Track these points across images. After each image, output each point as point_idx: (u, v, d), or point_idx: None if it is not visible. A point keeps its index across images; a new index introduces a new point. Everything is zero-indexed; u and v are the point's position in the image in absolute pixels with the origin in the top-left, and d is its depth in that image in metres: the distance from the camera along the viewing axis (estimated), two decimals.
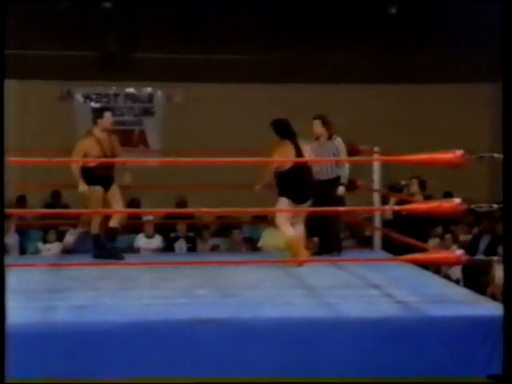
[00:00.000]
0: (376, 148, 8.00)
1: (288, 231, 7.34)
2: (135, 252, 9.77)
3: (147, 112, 13.90)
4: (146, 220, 10.50)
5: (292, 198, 7.35)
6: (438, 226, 10.34)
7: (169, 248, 10.36)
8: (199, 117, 13.30)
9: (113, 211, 7.69)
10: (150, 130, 13.89)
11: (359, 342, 4.98)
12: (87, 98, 13.66)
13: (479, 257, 10.05)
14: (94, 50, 13.24)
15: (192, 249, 10.48)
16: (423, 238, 8.06)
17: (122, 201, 7.76)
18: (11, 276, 3.87)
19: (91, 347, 4.82)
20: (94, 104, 13.54)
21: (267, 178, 7.42)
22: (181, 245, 10.54)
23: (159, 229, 10.48)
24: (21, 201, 11.86)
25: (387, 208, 8.03)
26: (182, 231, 10.71)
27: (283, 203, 7.33)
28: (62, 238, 10.10)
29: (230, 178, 9.03)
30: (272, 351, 4.92)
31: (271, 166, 7.34)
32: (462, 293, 6.07)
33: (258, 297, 5.71)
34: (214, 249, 10.47)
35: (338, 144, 7.86)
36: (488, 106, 13.13)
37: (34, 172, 9.82)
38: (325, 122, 7.91)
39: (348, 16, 13.14)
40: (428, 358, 4.99)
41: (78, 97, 13.66)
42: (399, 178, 9.33)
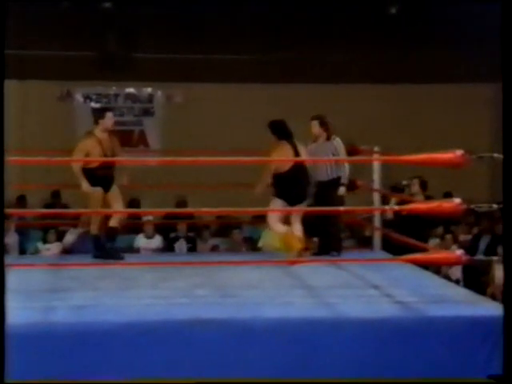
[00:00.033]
0: (376, 148, 8.00)
1: (279, 228, 7.43)
2: (135, 252, 9.77)
3: (147, 112, 13.89)
4: (145, 220, 10.50)
5: (286, 199, 7.39)
6: (439, 226, 10.34)
7: (169, 248, 10.35)
8: (199, 117, 13.30)
9: (113, 211, 7.69)
10: (150, 130, 13.88)
11: (359, 342, 4.98)
12: (87, 98, 13.66)
13: (479, 257, 10.06)
14: (94, 50, 13.23)
15: (192, 249, 10.48)
16: (424, 238, 8.06)
17: (122, 201, 7.76)
18: (11, 276, 3.88)
19: (91, 347, 4.81)
20: (93, 104, 13.54)
21: (267, 180, 7.44)
22: (181, 245, 10.54)
23: (159, 229, 10.48)
24: (21, 201, 11.86)
25: (387, 208, 8.02)
26: (183, 231, 10.71)
27: (277, 204, 7.39)
28: (61, 238, 10.09)
29: (230, 178, 9.03)
30: (272, 351, 4.92)
31: (270, 167, 7.37)
32: (462, 293, 6.06)
33: (258, 297, 5.71)
34: (214, 249, 10.47)
35: (336, 144, 7.84)
36: (488, 106, 13.13)
37: (34, 172, 9.83)
38: (323, 122, 7.88)
39: (348, 16, 13.14)
40: (428, 358, 4.99)
41: (78, 97, 13.66)
42: (399, 178, 9.32)
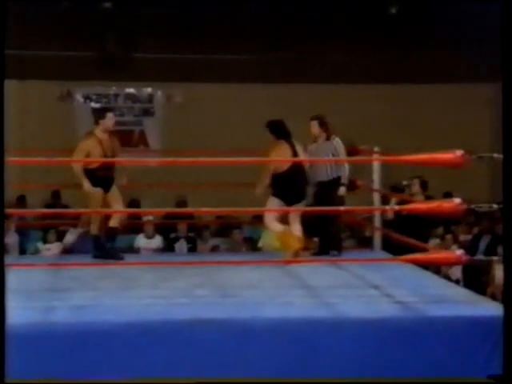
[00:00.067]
0: (376, 148, 8.00)
1: (275, 227, 7.47)
2: (135, 252, 9.77)
3: (147, 112, 13.89)
4: (145, 220, 10.50)
5: (284, 199, 7.40)
6: (439, 226, 10.34)
7: (169, 248, 10.35)
8: (199, 117, 13.30)
9: (113, 211, 7.68)
10: (150, 130, 13.88)
11: (359, 342, 4.98)
12: (87, 98, 13.66)
13: (479, 257, 10.06)
14: (94, 50, 13.23)
15: (192, 249, 10.48)
16: (424, 238, 8.05)
17: (122, 201, 7.76)
18: (11, 276, 3.87)
19: (91, 347, 4.81)
20: (94, 104, 13.54)
21: (267, 181, 7.44)
22: (181, 245, 10.53)
23: (159, 229, 10.47)
24: (21, 201, 11.86)
25: (387, 208, 8.01)
26: (183, 231, 10.71)
27: (273, 203, 7.40)
28: (61, 238, 10.08)
29: (230, 178, 9.02)
30: (272, 351, 4.92)
31: (269, 167, 7.37)
32: (462, 293, 6.06)
33: (258, 297, 5.71)
34: (214, 249, 10.47)
35: (336, 144, 7.83)
36: (488, 106, 13.13)
37: (34, 172, 9.82)
38: (322, 122, 7.87)
39: (348, 16, 13.14)
40: (428, 358, 4.99)
41: (78, 97, 13.66)
42: (399, 178, 9.32)
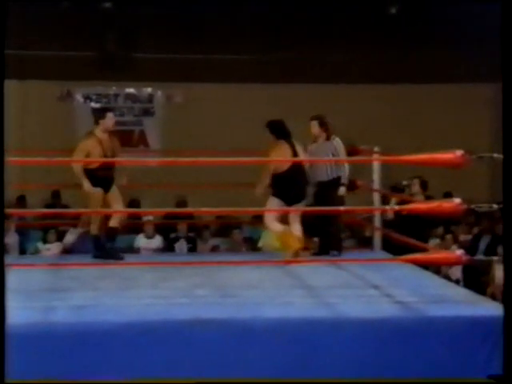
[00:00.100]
0: (376, 148, 8.00)
1: (275, 227, 7.48)
2: (135, 252, 9.77)
3: (147, 112, 13.89)
4: (146, 220, 10.50)
5: (284, 199, 7.40)
6: (439, 226, 10.34)
7: (169, 248, 10.35)
8: (199, 117, 13.30)
9: (113, 211, 7.68)
10: (150, 130, 13.88)
11: (359, 342, 4.98)
12: (87, 98, 13.66)
13: (479, 257, 10.06)
14: (94, 50, 13.23)
15: (192, 249, 10.47)
16: (424, 238, 8.05)
17: (122, 201, 7.76)
18: (11, 276, 3.87)
19: (91, 347, 4.81)
20: (94, 104, 13.54)
21: (267, 181, 7.44)
22: (181, 245, 10.53)
23: (159, 229, 10.47)
24: (21, 201, 11.86)
25: (387, 208, 8.01)
26: (183, 231, 10.71)
27: (273, 203, 7.40)
28: (62, 238, 10.08)
29: (230, 178, 9.02)
30: (272, 351, 4.92)
31: (269, 167, 7.37)
32: (462, 293, 6.06)
33: (258, 297, 5.71)
34: (214, 249, 10.46)
35: (336, 144, 7.83)
36: (488, 106, 13.13)
37: (34, 172, 9.82)
38: (322, 122, 7.87)
39: (348, 16, 13.14)
40: (428, 358, 4.99)
41: (78, 97, 13.65)
42: (399, 178, 9.32)
